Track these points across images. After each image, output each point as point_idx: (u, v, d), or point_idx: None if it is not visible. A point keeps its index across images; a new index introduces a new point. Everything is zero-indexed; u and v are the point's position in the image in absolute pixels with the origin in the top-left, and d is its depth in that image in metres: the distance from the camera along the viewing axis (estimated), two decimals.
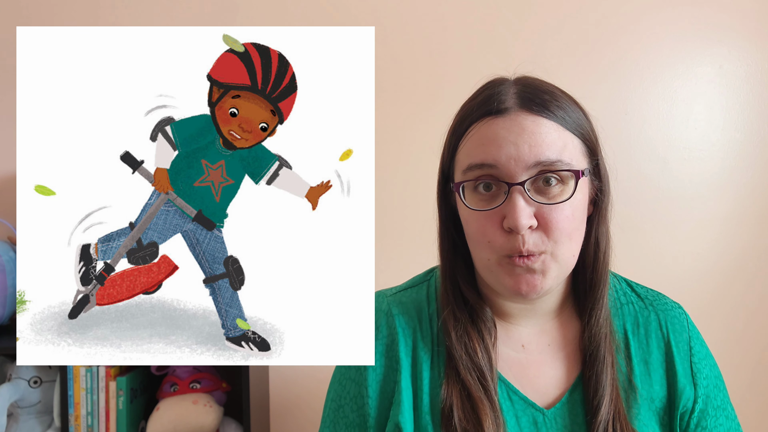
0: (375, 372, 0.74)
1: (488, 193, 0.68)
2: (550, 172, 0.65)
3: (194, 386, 1.34)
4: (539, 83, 0.71)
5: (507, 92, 0.69)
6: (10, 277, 1.33)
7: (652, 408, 0.73)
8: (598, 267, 0.74)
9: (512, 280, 0.67)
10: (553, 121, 0.67)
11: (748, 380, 1.60)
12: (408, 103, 1.54)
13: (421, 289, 0.80)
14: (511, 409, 0.71)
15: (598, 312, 0.73)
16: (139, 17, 1.58)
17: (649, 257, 1.60)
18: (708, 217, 1.60)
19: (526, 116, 0.66)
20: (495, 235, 0.67)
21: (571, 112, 0.69)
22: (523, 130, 0.66)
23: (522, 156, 0.65)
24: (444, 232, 0.77)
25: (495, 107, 0.67)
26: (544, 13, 1.58)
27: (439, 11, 1.58)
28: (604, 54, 1.59)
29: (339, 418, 0.76)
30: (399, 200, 1.56)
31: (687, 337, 0.77)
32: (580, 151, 0.69)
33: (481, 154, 0.67)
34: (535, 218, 0.66)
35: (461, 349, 0.71)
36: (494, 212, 0.67)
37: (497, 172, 0.66)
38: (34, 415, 1.33)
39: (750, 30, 1.59)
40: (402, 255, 1.54)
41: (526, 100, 0.67)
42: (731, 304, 1.61)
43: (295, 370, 1.59)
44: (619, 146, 1.59)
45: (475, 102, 0.71)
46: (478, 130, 0.68)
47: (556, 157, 0.65)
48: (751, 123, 1.60)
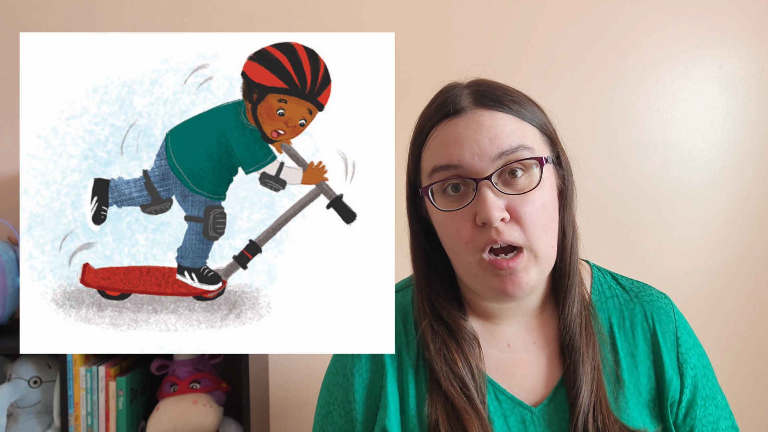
0: (361, 377, 0.74)
1: (457, 193, 0.69)
2: (514, 162, 0.66)
3: (194, 386, 1.34)
4: (491, 82, 0.73)
5: (461, 94, 0.71)
6: (10, 277, 1.33)
7: (641, 401, 0.73)
8: (566, 257, 0.74)
9: (497, 281, 0.68)
10: (509, 114, 0.69)
11: (745, 379, 1.60)
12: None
13: (406, 294, 0.81)
14: (498, 409, 0.71)
15: (571, 302, 0.74)
16: (142, 23, 1.58)
17: (649, 257, 1.60)
18: (708, 217, 1.60)
19: (482, 112, 0.68)
20: (469, 233, 0.67)
21: (525, 105, 0.71)
22: (482, 126, 0.67)
23: (484, 150, 0.66)
24: (416, 245, 0.78)
25: (451, 109, 0.69)
26: (550, 17, 1.59)
27: (450, 17, 1.58)
28: (604, 54, 1.59)
29: (327, 424, 0.76)
30: None
31: (674, 327, 0.77)
32: (539, 140, 0.70)
33: (444, 155, 0.68)
34: (507, 211, 0.66)
35: (441, 361, 0.71)
36: (466, 210, 0.67)
37: (462, 170, 0.67)
38: (34, 415, 1.33)
39: (750, 30, 1.59)
40: None
41: (480, 97, 0.69)
42: (730, 304, 1.61)
43: (295, 370, 1.59)
44: (619, 146, 1.59)
45: (431, 108, 0.73)
46: (438, 134, 0.70)
47: (518, 144, 0.67)
48: (751, 123, 1.60)
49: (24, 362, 1.32)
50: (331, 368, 0.80)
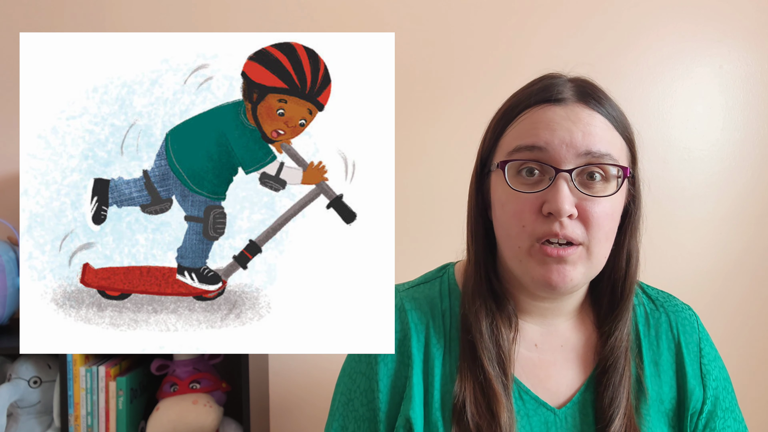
0: (386, 366, 0.74)
1: (531, 178, 0.68)
2: (597, 165, 0.66)
3: (194, 386, 1.34)
4: (594, 83, 0.73)
5: (565, 85, 0.70)
6: (9, 277, 1.33)
7: (661, 410, 0.73)
8: (629, 280, 0.74)
9: (543, 270, 0.67)
10: (606, 118, 0.69)
11: (748, 380, 1.60)
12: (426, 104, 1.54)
13: (434, 285, 0.80)
14: (522, 409, 0.71)
15: (622, 325, 0.74)
16: (143, 23, 1.58)
17: (649, 257, 1.59)
18: (708, 217, 1.60)
19: (582, 108, 0.68)
20: (531, 219, 0.67)
21: (620, 116, 0.71)
22: (579, 120, 0.67)
23: (575, 142, 0.66)
24: (476, 219, 0.76)
25: (554, 95, 0.69)
26: (550, 17, 1.59)
27: (451, 17, 1.58)
28: (604, 54, 1.59)
29: (349, 412, 0.75)
30: (417, 199, 1.56)
31: (697, 339, 0.77)
32: (625, 154, 0.71)
33: (533, 136, 0.67)
34: (576, 209, 0.66)
35: (490, 341, 0.70)
36: (535, 196, 0.67)
37: (546, 156, 0.66)
38: (34, 415, 1.33)
39: (750, 30, 1.59)
40: (419, 249, 1.54)
41: (584, 94, 0.69)
42: (731, 304, 1.61)
43: (295, 370, 1.59)
44: None
45: (531, 89, 0.72)
46: (532, 115, 0.69)
47: (606, 151, 0.67)
48: (750, 123, 1.60)
49: (24, 362, 1.32)
50: (354, 356, 0.79)
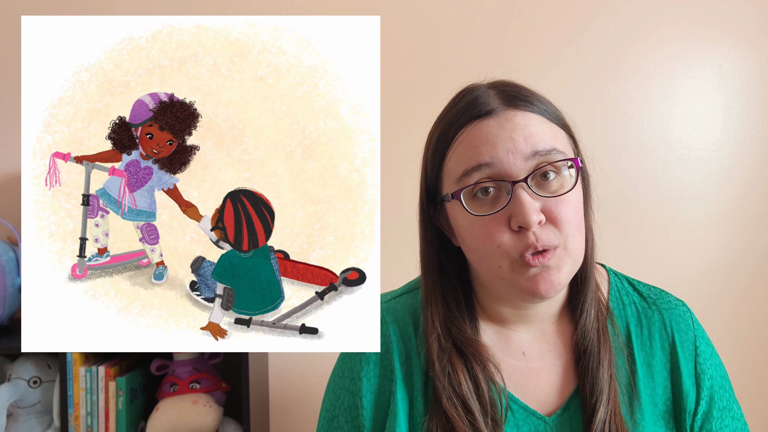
0: (369, 382, 0.72)
1: (488, 197, 0.66)
2: (548, 164, 0.65)
3: (194, 386, 1.34)
4: (515, 83, 0.72)
5: (488, 95, 0.69)
6: (10, 277, 1.33)
7: (656, 413, 0.71)
8: (586, 260, 0.72)
9: (528, 282, 0.65)
10: (540, 114, 0.68)
11: (747, 380, 1.60)
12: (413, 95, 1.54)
13: (417, 295, 0.77)
14: (511, 419, 0.70)
15: (588, 307, 0.72)
16: (141, 6, 1.58)
17: (649, 257, 1.60)
18: (707, 216, 1.60)
19: (514, 112, 0.67)
20: (504, 237, 0.65)
21: (550, 106, 0.70)
22: (515, 125, 0.66)
23: (519, 148, 0.64)
24: (429, 254, 0.74)
25: (482, 110, 0.67)
26: (549, 16, 1.58)
27: (442, 5, 1.58)
28: (604, 54, 1.59)
29: (333, 429, 0.74)
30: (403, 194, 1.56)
31: (692, 337, 0.75)
32: (566, 142, 0.70)
33: (476, 156, 0.66)
34: (542, 213, 0.65)
35: (445, 380, 0.68)
36: (499, 215, 0.65)
37: (496, 170, 0.65)
38: (34, 415, 1.33)
39: (750, 30, 1.59)
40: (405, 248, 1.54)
41: (510, 98, 0.68)
42: (731, 304, 1.61)
43: (294, 370, 1.58)
44: (619, 146, 1.59)
45: (456, 109, 0.70)
46: (468, 134, 0.67)
47: (551, 146, 0.66)
48: (750, 123, 1.60)
49: (24, 362, 1.32)
50: (338, 371, 0.77)
